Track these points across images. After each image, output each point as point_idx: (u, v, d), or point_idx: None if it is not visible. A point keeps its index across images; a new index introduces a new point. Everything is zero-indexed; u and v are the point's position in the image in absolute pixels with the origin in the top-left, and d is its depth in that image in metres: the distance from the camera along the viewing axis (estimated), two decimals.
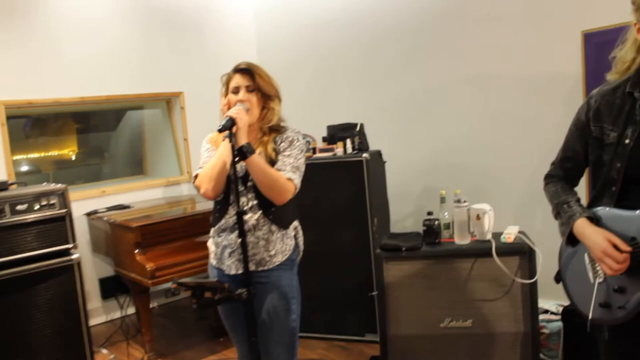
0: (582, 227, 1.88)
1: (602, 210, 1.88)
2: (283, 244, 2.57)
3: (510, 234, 3.21)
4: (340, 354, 4.04)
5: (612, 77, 1.92)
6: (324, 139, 4.36)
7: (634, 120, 1.80)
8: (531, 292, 3.13)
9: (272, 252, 2.54)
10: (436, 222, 3.27)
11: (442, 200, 3.34)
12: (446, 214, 3.33)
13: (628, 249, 1.73)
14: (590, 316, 1.87)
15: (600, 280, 1.86)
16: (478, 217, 3.22)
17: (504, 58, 4.16)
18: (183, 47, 5.56)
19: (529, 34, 4.00)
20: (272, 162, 2.50)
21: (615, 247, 1.75)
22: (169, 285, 5.06)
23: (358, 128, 4.23)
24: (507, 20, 4.12)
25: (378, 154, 4.28)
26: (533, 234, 3.31)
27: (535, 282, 3.11)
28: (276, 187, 2.44)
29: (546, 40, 3.91)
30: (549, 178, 2.16)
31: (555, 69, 3.89)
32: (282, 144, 2.56)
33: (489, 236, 3.24)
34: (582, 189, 2.05)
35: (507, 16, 4.11)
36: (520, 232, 3.33)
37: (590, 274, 1.90)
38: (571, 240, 1.95)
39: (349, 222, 4.08)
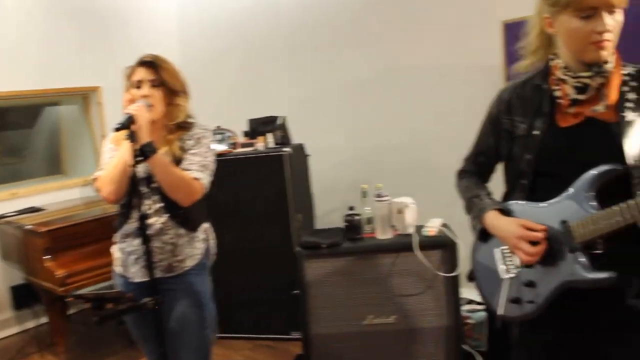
0: (493, 219, 1.83)
1: (514, 204, 1.83)
2: (192, 248, 2.44)
3: (432, 227, 3.16)
4: (266, 354, 3.93)
5: (519, 68, 1.89)
6: (246, 134, 4.23)
7: (542, 112, 1.77)
8: (453, 285, 3.10)
9: (181, 257, 2.41)
10: (357, 217, 3.20)
11: (364, 194, 3.26)
12: (368, 208, 3.25)
13: (542, 227, 1.69)
14: (500, 312, 1.81)
15: (512, 275, 1.80)
16: (400, 211, 3.15)
17: (428, 49, 4.14)
18: (99, 39, 5.28)
19: (452, 25, 3.98)
20: (179, 162, 2.37)
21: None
22: (86, 290, 4.81)
23: (280, 121, 4.11)
24: (430, 11, 4.09)
25: (301, 147, 4.18)
26: (456, 225, 3.27)
27: (457, 275, 3.08)
28: (182, 187, 2.31)
29: (468, 31, 3.91)
30: (461, 174, 2.11)
31: (477, 59, 3.88)
32: (189, 142, 2.43)
33: (411, 230, 3.18)
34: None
35: (431, 6, 4.07)
36: (443, 224, 3.29)
37: (501, 269, 1.84)
38: (483, 235, 1.89)
39: (272, 219, 3.97)
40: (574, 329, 1.76)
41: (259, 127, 4.16)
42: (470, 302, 3.60)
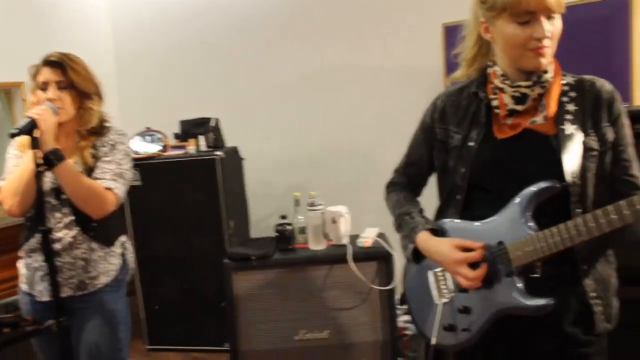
0: (426, 240, 1.68)
1: (448, 222, 1.70)
2: (107, 264, 2.25)
3: (367, 238, 3.03)
4: None
5: (456, 76, 1.77)
6: (176, 136, 4.01)
7: (479, 122, 1.64)
8: (389, 298, 2.98)
9: (94, 274, 2.21)
10: (289, 227, 3.04)
11: (296, 202, 3.11)
12: (300, 217, 3.10)
13: (479, 244, 1.56)
14: (433, 340, 1.67)
15: (446, 300, 1.67)
16: (334, 221, 3.01)
17: (367, 51, 4.01)
18: (23, 30, 4.93)
19: (392, 25, 3.88)
20: (92, 170, 2.16)
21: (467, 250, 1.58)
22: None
23: (213, 123, 3.91)
24: (370, 11, 3.97)
25: (234, 151, 4.00)
26: (393, 234, 3.14)
27: (393, 288, 2.95)
28: (92, 199, 2.11)
29: (408, 32, 3.81)
30: (391, 186, 1.97)
31: (418, 61, 3.78)
32: (103, 149, 2.23)
33: (345, 240, 3.05)
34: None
35: (371, 7, 3.96)
36: (380, 234, 3.16)
37: (435, 294, 1.71)
38: (415, 255, 1.75)
39: (204, 225, 3.78)
40: (510, 357, 1.64)
41: (190, 129, 3.94)
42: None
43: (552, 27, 1.48)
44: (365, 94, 4.04)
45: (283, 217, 3.08)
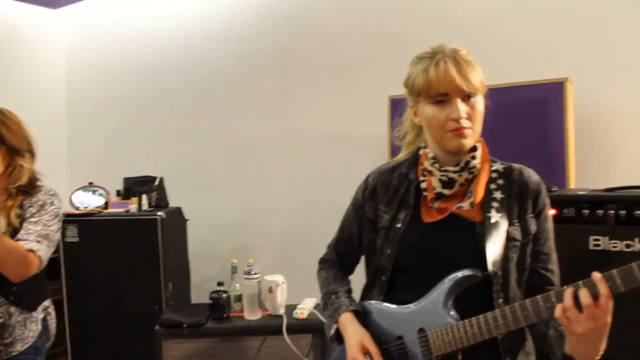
0: (345, 323, 1.66)
1: (374, 304, 1.67)
2: (25, 330, 2.15)
3: (303, 309, 2.98)
4: None
5: (398, 159, 1.78)
6: (118, 193, 3.94)
7: (408, 204, 1.64)
8: None
9: (9, 340, 2.11)
10: (225, 295, 2.97)
11: (234, 269, 3.06)
12: (237, 284, 3.04)
13: None
14: None
15: None
16: (270, 290, 2.96)
17: (314, 117, 4.05)
18: None
19: (341, 96, 3.94)
20: (16, 232, 2.09)
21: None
22: None
23: (157, 182, 3.86)
24: (320, 79, 4.03)
25: (178, 211, 3.95)
26: None
27: None
28: (12, 261, 2.02)
29: (356, 103, 3.87)
30: (322, 263, 1.94)
31: (364, 131, 3.83)
32: (30, 209, 2.15)
33: (281, 311, 2.99)
34: None
35: (321, 74, 4.03)
36: (316, 305, 3.12)
37: None
38: (338, 336, 1.72)
39: (142, 287, 3.69)
40: None
41: (133, 186, 3.89)
42: None
43: (469, 108, 1.49)
44: (310, 161, 4.06)
45: (220, 283, 3.02)
